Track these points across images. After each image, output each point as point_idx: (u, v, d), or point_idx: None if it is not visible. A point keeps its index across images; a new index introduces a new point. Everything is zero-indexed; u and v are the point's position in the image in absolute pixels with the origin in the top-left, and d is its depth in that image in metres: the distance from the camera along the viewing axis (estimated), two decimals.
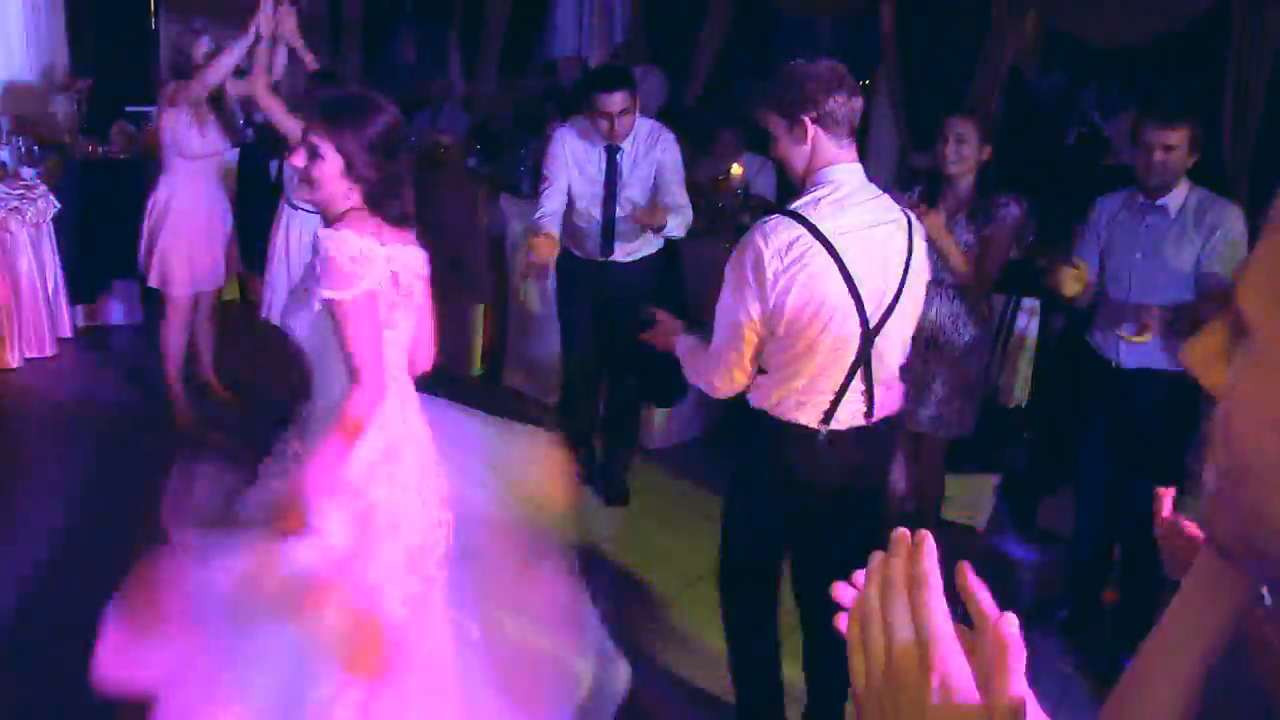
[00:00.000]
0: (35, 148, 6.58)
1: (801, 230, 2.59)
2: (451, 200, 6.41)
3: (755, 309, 2.64)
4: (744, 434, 2.96)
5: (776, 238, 2.59)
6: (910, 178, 5.54)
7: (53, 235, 6.31)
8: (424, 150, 6.71)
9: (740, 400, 2.86)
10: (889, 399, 2.88)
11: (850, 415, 2.79)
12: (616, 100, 4.42)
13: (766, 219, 2.67)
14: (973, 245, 4.00)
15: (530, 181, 6.21)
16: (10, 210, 5.99)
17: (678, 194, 4.66)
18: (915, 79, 6.77)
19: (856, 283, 2.63)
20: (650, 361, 5.17)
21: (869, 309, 2.67)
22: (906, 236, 2.76)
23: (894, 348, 2.83)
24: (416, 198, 2.64)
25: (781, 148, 2.72)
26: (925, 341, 4.00)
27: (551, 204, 4.57)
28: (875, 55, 7.18)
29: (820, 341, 2.67)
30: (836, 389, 2.75)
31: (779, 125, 2.69)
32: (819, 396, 2.76)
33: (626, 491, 5.04)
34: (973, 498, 4.92)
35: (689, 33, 8.00)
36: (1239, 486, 0.69)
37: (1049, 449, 4.86)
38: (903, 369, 2.92)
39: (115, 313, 7.03)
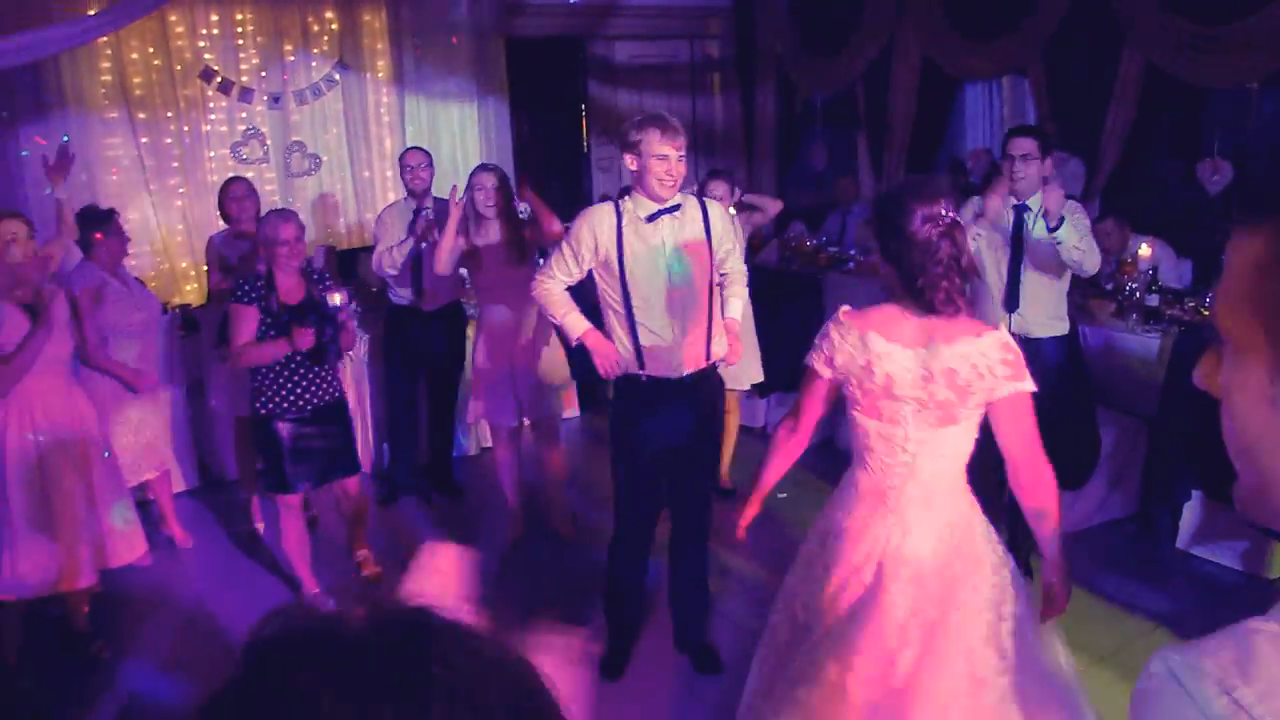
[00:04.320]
0: None
1: None
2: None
3: None
4: None
5: None
6: None
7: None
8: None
9: None
10: None
11: None
12: (1023, 144, 4.64)
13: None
14: None
15: None
16: (469, 317, 6.87)
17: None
18: None
19: None
20: (1058, 444, 5.15)
21: None
22: None
23: None
24: None
25: None
26: None
27: None
28: None
29: None
30: None
31: None
32: None
33: (1031, 573, 4.99)
34: None
35: (1099, 117, 7.88)
36: (1244, 458, 0.89)
37: None
38: None
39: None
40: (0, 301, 4.14)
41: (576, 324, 4.04)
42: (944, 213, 2.66)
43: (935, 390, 2.67)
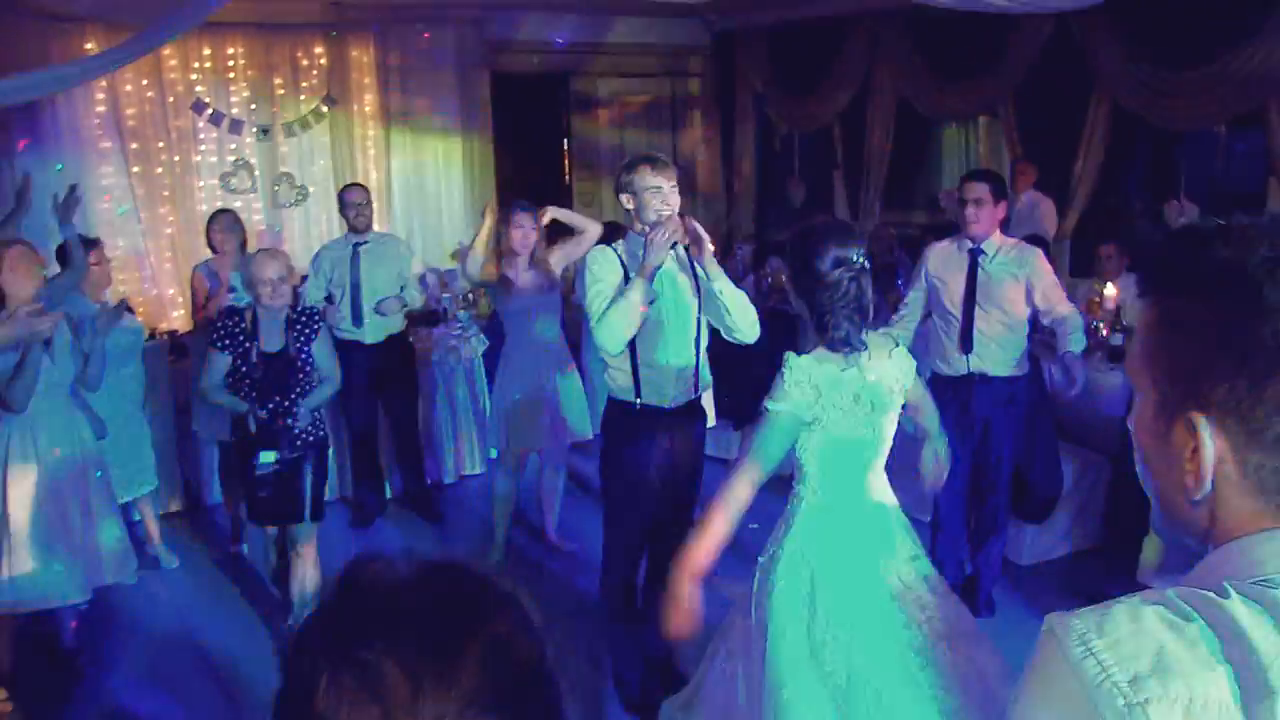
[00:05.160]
0: (469, 295, 7.68)
1: None
2: None
3: None
4: None
5: None
6: None
7: (482, 370, 7.24)
8: None
9: None
10: None
11: None
12: (975, 189, 4.73)
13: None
14: None
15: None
16: (450, 348, 7.03)
17: (1057, 302, 4.77)
18: None
19: None
20: (1020, 478, 5.30)
21: None
22: None
23: None
24: None
25: None
26: None
27: (905, 317, 5.00)
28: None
29: None
30: None
31: None
32: None
33: (992, 604, 5.13)
34: None
35: (1070, 158, 8.11)
36: (1145, 482, 1.12)
37: None
38: None
39: None
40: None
41: (636, 286, 3.82)
42: (855, 258, 2.89)
43: (895, 399, 3.07)
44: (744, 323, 3.94)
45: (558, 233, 5.88)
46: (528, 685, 0.93)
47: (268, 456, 4.57)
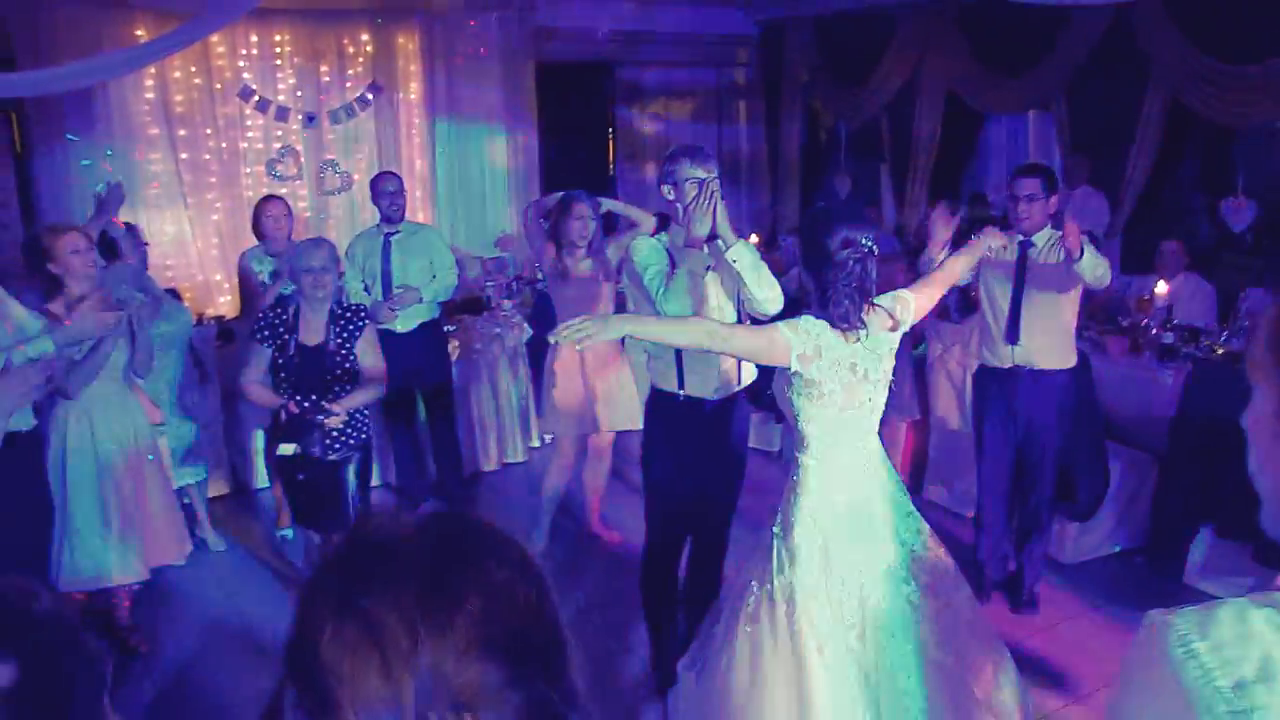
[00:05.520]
0: (512, 284, 7.67)
1: None
2: None
3: None
4: None
5: None
6: None
7: (525, 358, 7.27)
8: None
9: None
10: None
11: None
12: (1027, 185, 4.70)
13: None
14: None
15: (956, 306, 6.42)
16: (493, 337, 7.03)
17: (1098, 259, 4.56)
18: None
19: None
20: (1066, 475, 5.24)
21: None
22: None
23: None
24: None
25: None
26: None
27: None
28: None
29: None
30: None
31: None
32: None
33: (1035, 601, 5.07)
34: None
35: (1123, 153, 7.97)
36: (1259, 481, 1.07)
37: None
38: None
39: None
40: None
41: (687, 256, 3.90)
42: (864, 241, 3.06)
43: (889, 360, 3.29)
44: (761, 291, 3.79)
45: (608, 227, 5.88)
46: (527, 634, 0.96)
47: (285, 449, 4.48)
